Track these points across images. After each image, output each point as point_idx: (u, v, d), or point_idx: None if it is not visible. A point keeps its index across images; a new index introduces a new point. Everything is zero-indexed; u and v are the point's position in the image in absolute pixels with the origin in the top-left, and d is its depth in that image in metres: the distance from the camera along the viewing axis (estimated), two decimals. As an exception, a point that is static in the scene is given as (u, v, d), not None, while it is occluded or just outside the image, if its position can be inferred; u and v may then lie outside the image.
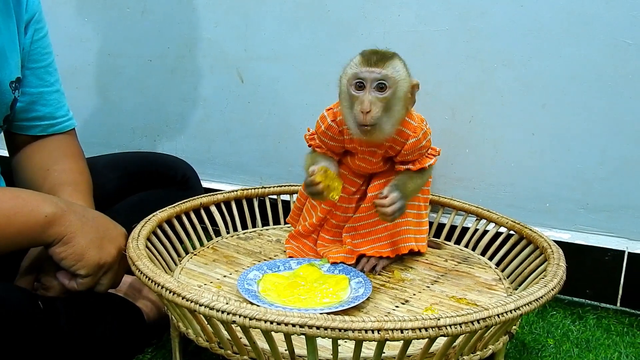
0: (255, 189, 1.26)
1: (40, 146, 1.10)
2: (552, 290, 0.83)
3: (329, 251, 1.09)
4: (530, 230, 1.07)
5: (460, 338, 0.76)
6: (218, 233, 1.21)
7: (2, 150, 1.16)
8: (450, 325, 0.70)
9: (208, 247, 1.15)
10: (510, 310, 0.75)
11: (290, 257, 1.10)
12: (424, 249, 1.13)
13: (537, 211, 1.27)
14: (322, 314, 0.70)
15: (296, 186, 1.28)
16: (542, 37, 1.20)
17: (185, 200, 1.15)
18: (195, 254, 1.12)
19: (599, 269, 1.22)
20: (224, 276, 1.04)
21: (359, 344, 0.72)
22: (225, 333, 0.79)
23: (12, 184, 1.09)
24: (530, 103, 1.23)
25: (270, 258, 1.12)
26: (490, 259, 1.14)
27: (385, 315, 0.92)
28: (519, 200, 1.28)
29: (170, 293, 0.77)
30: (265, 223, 1.28)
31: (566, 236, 1.24)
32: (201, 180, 1.34)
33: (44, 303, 0.87)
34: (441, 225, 1.25)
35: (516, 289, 1.03)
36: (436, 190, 1.27)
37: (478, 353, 0.82)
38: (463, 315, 0.72)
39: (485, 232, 1.18)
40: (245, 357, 0.80)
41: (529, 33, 1.20)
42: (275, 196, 1.29)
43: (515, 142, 1.26)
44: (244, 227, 1.25)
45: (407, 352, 0.74)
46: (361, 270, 1.05)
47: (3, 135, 1.11)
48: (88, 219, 0.92)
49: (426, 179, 1.10)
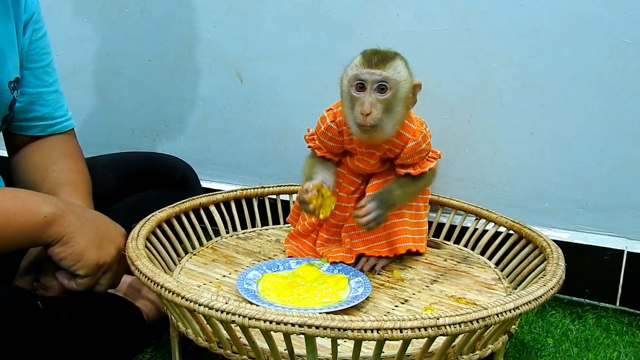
0: (254, 189, 1.26)
1: (39, 146, 1.10)
2: (552, 289, 0.83)
3: (328, 251, 1.09)
4: (530, 229, 1.07)
5: (460, 337, 0.76)
6: (217, 233, 1.21)
7: (1, 151, 1.16)
8: (449, 325, 0.70)
9: (207, 247, 1.15)
10: (510, 310, 0.75)
11: (289, 257, 1.11)
12: (424, 249, 1.13)
13: (537, 211, 1.27)
14: (322, 313, 0.70)
15: (296, 186, 1.28)
16: (542, 37, 1.20)
17: (185, 200, 1.15)
18: (194, 254, 1.12)
19: (598, 268, 1.22)
20: (224, 276, 1.04)
21: (359, 344, 0.72)
22: (224, 333, 0.79)
23: (11, 184, 1.09)
24: (530, 103, 1.23)
25: (269, 258, 1.12)
26: (490, 258, 1.14)
27: (385, 314, 0.92)
28: (518, 200, 1.28)
29: (169, 293, 0.77)
30: (264, 223, 1.28)
31: (565, 236, 1.24)
32: (200, 180, 1.34)
33: (43, 303, 0.87)
34: (440, 225, 1.25)
35: (515, 289, 1.03)
36: (436, 190, 1.27)
37: (477, 352, 0.82)
38: (462, 314, 0.72)
39: (485, 232, 1.18)
40: (245, 357, 0.80)
41: (528, 33, 1.20)
42: (274, 196, 1.29)
43: (515, 142, 1.26)
44: (244, 227, 1.25)
45: (407, 352, 0.74)
46: (360, 270, 1.05)
47: (2, 136, 1.11)
48: (87, 219, 0.92)
49: (427, 182, 1.09)
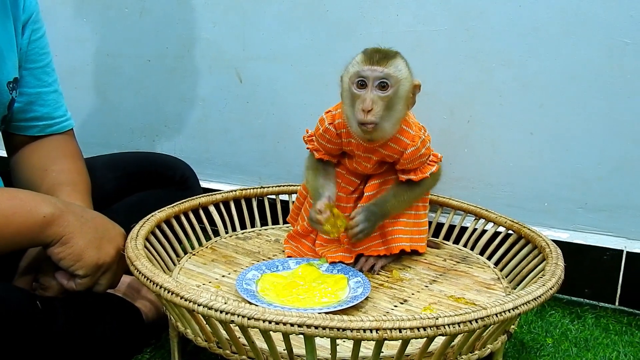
0: (254, 189, 1.26)
1: (39, 146, 1.10)
2: (551, 289, 0.83)
3: (327, 251, 1.09)
4: (529, 229, 1.07)
5: (459, 337, 0.76)
6: (217, 233, 1.21)
7: (0, 151, 1.16)
8: (448, 325, 0.70)
9: (207, 247, 1.15)
10: (509, 310, 0.75)
11: (288, 257, 1.10)
12: (423, 249, 1.13)
13: (536, 211, 1.27)
14: (321, 313, 0.70)
15: (295, 186, 1.28)
16: (541, 37, 1.20)
17: (184, 200, 1.15)
18: (194, 254, 1.12)
19: (598, 268, 1.22)
20: (223, 276, 1.04)
21: (358, 344, 0.72)
22: (223, 333, 0.79)
23: (10, 185, 1.08)
24: (529, 103, 1.23)
25: (269, 258, 1.12)
26: (489, 258, 1.14)
27: (384, 314, 0.92)
28: (517, 200, 1.28)
29: (168, 293, 0.77)
30: (264, 223, 1.28)
31: (565, 235, 1.24)
32: (200, 181, 1.34)
33: (42, 303, 0.87)
34: (440, 225, 1.25)
35: (514, 289, 1.03)
36: (435, 190, 1.26)
37: (477, 352, 0.82)
38: (461, 314, 0.72)
39: (484, 232, 1.18)
40: (244, 357, 0.80)
41: (527, 33, 1.20)
42: (274, 196, 1.29)
43: (514, 142, 1.26)
44: (243, 227, 1.25)
45: (406, 352, 0.74)
46: (360, 270, 1.05)
47: (1, 136, 1.11)
48: (86, 219, 0.92)
49: (427, 187, 1.10)
